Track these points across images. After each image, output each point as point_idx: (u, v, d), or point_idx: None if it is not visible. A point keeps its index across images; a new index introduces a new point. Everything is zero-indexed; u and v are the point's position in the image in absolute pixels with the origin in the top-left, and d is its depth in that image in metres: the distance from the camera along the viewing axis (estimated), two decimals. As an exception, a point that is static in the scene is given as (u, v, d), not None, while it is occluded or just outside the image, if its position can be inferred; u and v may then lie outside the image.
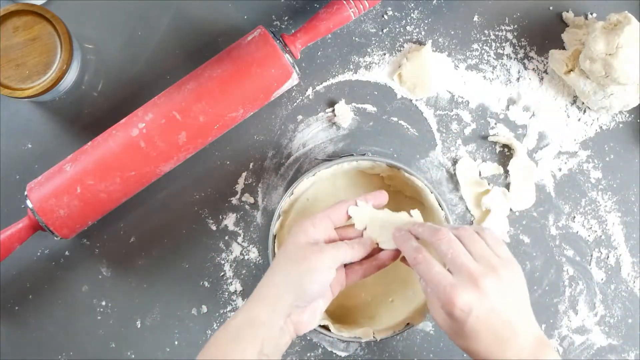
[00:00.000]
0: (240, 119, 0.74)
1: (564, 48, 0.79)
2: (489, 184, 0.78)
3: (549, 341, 0.61)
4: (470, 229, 0.63)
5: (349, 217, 0.65)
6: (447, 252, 0.60)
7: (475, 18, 0.79)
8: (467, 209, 0.78)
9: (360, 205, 0.65)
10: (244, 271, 0.77)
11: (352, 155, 0.74)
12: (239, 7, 0.78)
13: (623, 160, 0.79)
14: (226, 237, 0.77)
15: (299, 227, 0.63)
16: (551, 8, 0.80)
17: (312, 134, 0.78)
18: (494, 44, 0.79)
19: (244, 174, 0.78)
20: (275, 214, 0.71)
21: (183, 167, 0.76)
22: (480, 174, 0.78)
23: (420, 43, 0.79)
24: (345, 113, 0.77)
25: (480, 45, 0.79)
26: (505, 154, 0.79)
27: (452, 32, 0.79)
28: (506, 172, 0.78)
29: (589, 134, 0.79)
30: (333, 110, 0.78)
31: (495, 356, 0.60)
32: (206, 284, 0.77)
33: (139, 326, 0.76)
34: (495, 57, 0.79)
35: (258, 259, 0.77)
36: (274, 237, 0.71)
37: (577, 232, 0.78)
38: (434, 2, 0.79)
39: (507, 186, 0.78)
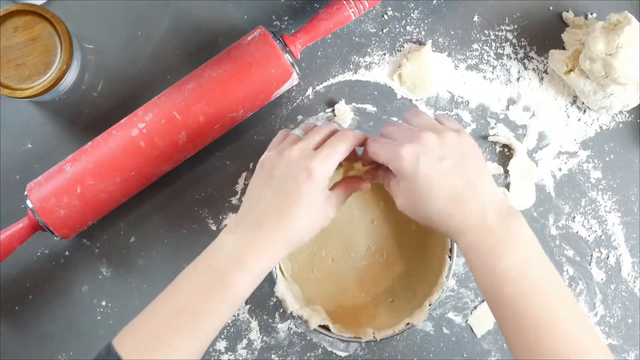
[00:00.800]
0: (240, 119, 0.74)
1: (564, 48, 0.79)
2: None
3: (518, 213, 0.60)
4: (415, 107, 0.65)
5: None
6: (393, 128, 0.64)
7: (475, 18, 0.79)
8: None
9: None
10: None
11: None
12: (239, 7, 0.78)
13: (623, 160, 0.79)
14: (226, 237, 0.77)
15: (303, 171, 0.61)
16: (551, 8, 0.80)
17: (312, 134, 0.78)
18: (494, 44, 0.79)
19: (244, 174, 0.78)
20: None
21: (183, 167, 0.76)
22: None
23: (420, 43, 0.79)
24: (345, 113, 0.77)
25: (480, 45, 0.79)
26: (505, 154, 0.79)
27: (452, 32, 0.79)
28: (506, 172, 0.78)
29: (589, 134, 0.79)
30: (333, 110, 0.78)
31: (455, 211, 0.59)
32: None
33: (139, 326, 0.76)
34: (495, 57, 0.79)
35: (258, 259, 0.77)
36: None
37: (577, 232, 0.78)
38: (434, 2, 0.79)
39: (507, 186, 0.78)
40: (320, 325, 0.70)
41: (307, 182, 0.60)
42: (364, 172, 0.68)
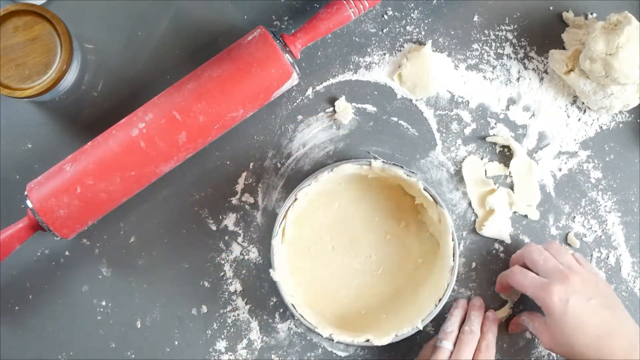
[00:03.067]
0: (240, 119, 0.74)
1: (564, 48, 0.79)
2: (494, 183, 0.78)
3: None
4: (556, 242, 0.72)
5: None
6: (538, 259, 0.70)
7: (475, 18, 0.79)
8: (468, 207, 0.78)
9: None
10: (244, 271, 0.77)
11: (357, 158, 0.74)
12: (239, 7, 0.78)
13: (623, 160, 0.79)
14: (226, 237, 0.77)
15: None
16: (551, 8, 0.80)
17: (312, 134, 0.78)
18: (494, 44, 0.79)
19: (244, 174, 0.78)
20: (277, 222, 0.71)
21: (183, 167, 0.76)
22: (485, 173, 0.78)
23: (420, 43, 0.79)
24: (345, 110, 0.77)
25: (480, 45, 0.79)
26: (505, 154, 0.79)
27: (452, 32, 0.79)
28: (510, 172, 0.78)
29: (589, 134, 0.79)
30: (333, 108, 0.78)
31: (603, 350, 0.64)
32: (206, 284, 0.77)
33: (139, 326, 0.76)
34: (495, 57, 0.79)
35: (258, 259, 0.77)
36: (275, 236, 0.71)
37: (577, 232, 0.78)
38: (434, 2, 0.79)
39: (511, 186, 0.78)
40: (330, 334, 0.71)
41: None
42: (511, 322, 0.75)
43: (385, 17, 0.79)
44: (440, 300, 0.71)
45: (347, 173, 0.72)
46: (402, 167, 0.71)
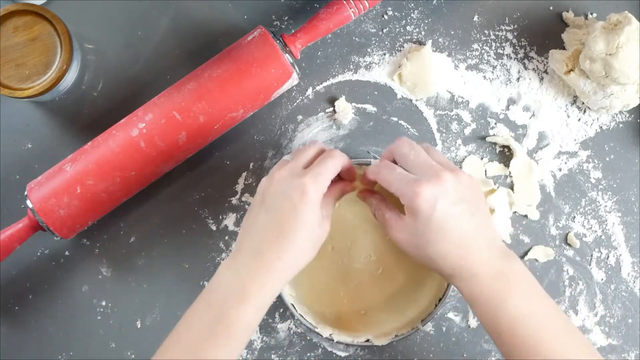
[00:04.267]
0: (240, 119, 0.74)
1: (564, 48, 0.79)
2: (494, 183, 0.78)
3: (514, 254, 0.62)
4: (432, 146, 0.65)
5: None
6: (409, 154, 0.62)
7: (475, 18, 0.79)
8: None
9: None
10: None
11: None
12: (239, 7, 0.78)
13: (623, 160, 0.79)
14: (226, 237, 0.77)
15: (296, 188, 0.59)
16: (551, 8, 0.80)
17: (312, 134, 0.78)
18: (494, 44, 0.79)
19: (244, 174, 0.78)
20: None
21: (183, 167, 0.76)
22: (485, 173, 0.78)
23: (420, 43, 0.79)
24: (345, 109, 0.77)
25: (480, 45, 0.79)
26: (505, 154, 0.79)
27: (452, 32, 0.79)
28: (510, 172, 0.78)
29: (589, 134, 0.79)
30: (333, 108, 0.78)
31: (462, 257, 0.60)
32: (206, 283, 0.77)
33: (139, 326, 0.76)
34: (495, 57, 0.79)
35: (258, 259, 0.77)
36: None
37: (577, 232, 0.78)
38: (434, 2, 0.79)
39: (511, 186, 0.78)
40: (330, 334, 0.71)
41: (301, 200, 0.59)
42: (358, 192, 0.68)
43: (385, 17, 0.79)
44: (440, 300, 0.71)
45: None
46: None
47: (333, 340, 0.71)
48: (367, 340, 0.71)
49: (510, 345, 0.59)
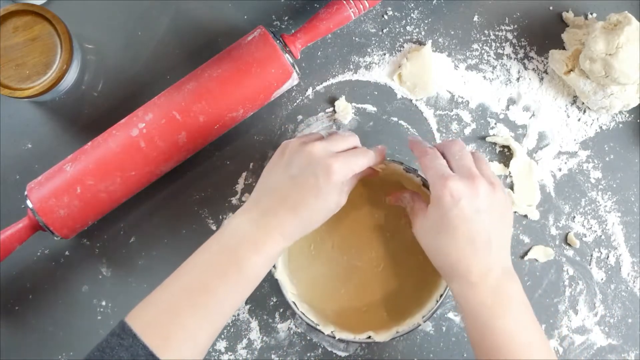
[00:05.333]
0: (240, 119, 0.74)
1: (564, 48, 0.79)
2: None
3: (516, 276, 0.64)
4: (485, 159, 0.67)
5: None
6: (455, 154, 0.64)
7: (475, 18, 0.79)
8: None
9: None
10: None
11: None
12: (239, 7, 0.78)
13: (623, 160, 0.79)
14: (226, 237, 0.77)
15: (326, 169, 0.61)
16: (551, 8, 0.80)
17: (312, 134, 0.78)
18: (494, 44, 0.79)
19: (244, 174, 0.78)
20: None
21: (183, 167, 0.76)
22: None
23: (420, 43, 0.79)
24: (345, 109, 0.77)
25: (480, 45, 0.79)
26: (505, 154, 0.79)
27: (452, 32, 0.79)
28: (510, 172, 0.78)
29: (589, 134, 0.79)
30: (333, 108, 0.78)
31: (465, 258, 0.61)
32: (206, 284, 0.77)
33: (139, 326, 0.76)
34: (495, 57, 0.79)
35: (258, 259, 0.77)
36: None
37: (577, 232, 0.78)
38: (434, 2, 0.79)
39: (511, 187, 0.78)
40: (331, 332, 0.71)
41: (326, 180, 0.61)
42: (393, 194, 0.71)
43: (385, 17, 0.79)
44: (441, 296, 0.71)
45: None
46: (402, 163, 0.71)
47: (334, 338, 0.71)
48: (369, 337, 0.71)
49: (487, 356, 0.61)
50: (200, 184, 0.77)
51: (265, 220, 0.61)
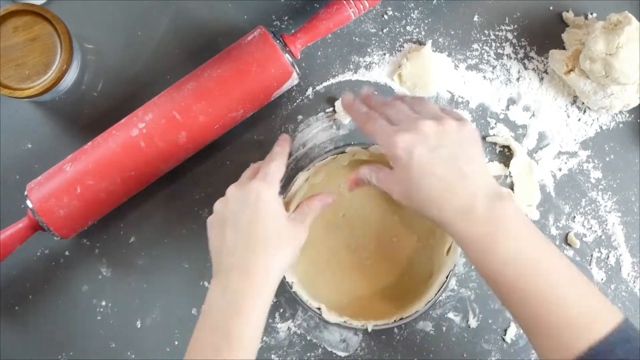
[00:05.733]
0: (240, 119, 0.74)
1: (564, 48, 0.79)
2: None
3: (508, 192, 0.61)
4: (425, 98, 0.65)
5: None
6: (391, 112, 0.63)
7: (475, 18, 0.79)
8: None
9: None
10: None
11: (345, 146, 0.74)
12: (239, 7, 0.78)
13: (623, 160, 0.79)
14: (226, 237, 0.77)
15: (249, 194, 0.62)
16: (551, 8, 0.80)
17: (312, 134, 0.78)
18: (494, 44, 0.79)
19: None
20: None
21: (183, 167, 0.76)
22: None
23: (420, 43, 0.79)
24: (345, 110, 0.78)
25: (480, 45, 0.79)
26: (505, 154, 0.79)
27: (452, 32, 0.79)
28: (510, 172, 0.78)
29: (589, 134, 0.79)
30: (333, 108, 0.78)
31: (447, 200, 0.59)
32: (206, 284, 0.77)
33: (139, 326, 0.76)
34: (495, 57, 0.79)
35: (258, 259, 0.77)
36: None
37: (577, 232, 0.78)
38: (434, 2, 0.79)
39: (511, 187, 0.78)
40: (318, 308, 0.72)
41: (258, 202, 0.61)
42: (349, 179, 0.68)
43: (385, 17, 0.79)
44: (443, 284, 0.71)
45: (349, 158, 0.74)
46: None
47: (320, 314, 0.71)
48: (373, 327, 0.71)
49: (500, 287, 0.59)
50: (200, 184, 0.77)
51: (235, 282, 0.60)
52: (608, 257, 0.78)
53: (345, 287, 0.75)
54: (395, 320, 0.72)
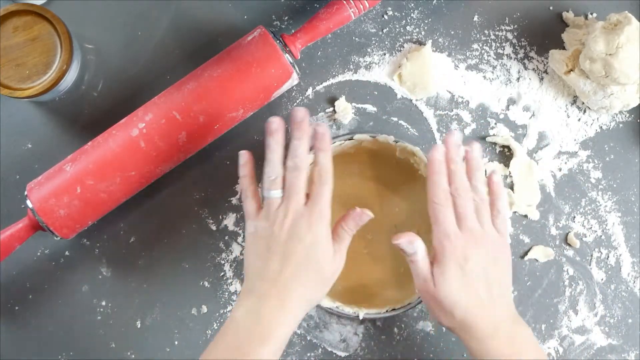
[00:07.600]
0: (240, 119, 0.74)
1: (564, 48, 0.79)
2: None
3: (523, 320, 0.66)
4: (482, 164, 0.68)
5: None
6: (460, 203, 0.65)
7: (475, 18, 0.79)
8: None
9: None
10: (244, 271, 0.77)
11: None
12: (239, 7, 0.78)
13: (623, 160, 0.79)
14: (226, 237, 0.77)
15: (306, 232, 0.61)
16: (551, 8, 0.80)
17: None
18: (494, 44, 0.79)
19: (244, 174, 0.78)
20: None
21: (183, 167, 0.76)
22: (485, 173, 0.78)
23: (420, 43, 0.79)
24: (345, 109, 0.77)
25: (480, 45, 0.79)
26: (505, 154, 0.79)
27: (452, 32, 0.79)
28: (510, 172, 0.78)
29: (589, 134, 0.79)
30: (333, 108, 0.78)
31: (475, 315, 0.62)
32: (206, 284, 0.77)
33: (139, 326, 0.76)
34: (495, 57, 0.79)
35: (258, 259, 0.77)
36: None
37: (577, 232, 0.78)
38: (434, 2, 0.79)
39: (511, 187, 0.78)
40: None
41: (313, 243, 0.61)
42: (399, 235, 0.65)
43: (385, 17, 0.79)
44: None
45: (354, 145, 0.74)
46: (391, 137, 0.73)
47: (337, 315, 0.71)
48: (354, 312, 0.72)
49: None
50: (200, 184, 0.77)
51: (265, 307, 0.59)
52: (608, 257, 0.78)
53: (341, 274, 0.75)
54: (387, 311, 0.72)
